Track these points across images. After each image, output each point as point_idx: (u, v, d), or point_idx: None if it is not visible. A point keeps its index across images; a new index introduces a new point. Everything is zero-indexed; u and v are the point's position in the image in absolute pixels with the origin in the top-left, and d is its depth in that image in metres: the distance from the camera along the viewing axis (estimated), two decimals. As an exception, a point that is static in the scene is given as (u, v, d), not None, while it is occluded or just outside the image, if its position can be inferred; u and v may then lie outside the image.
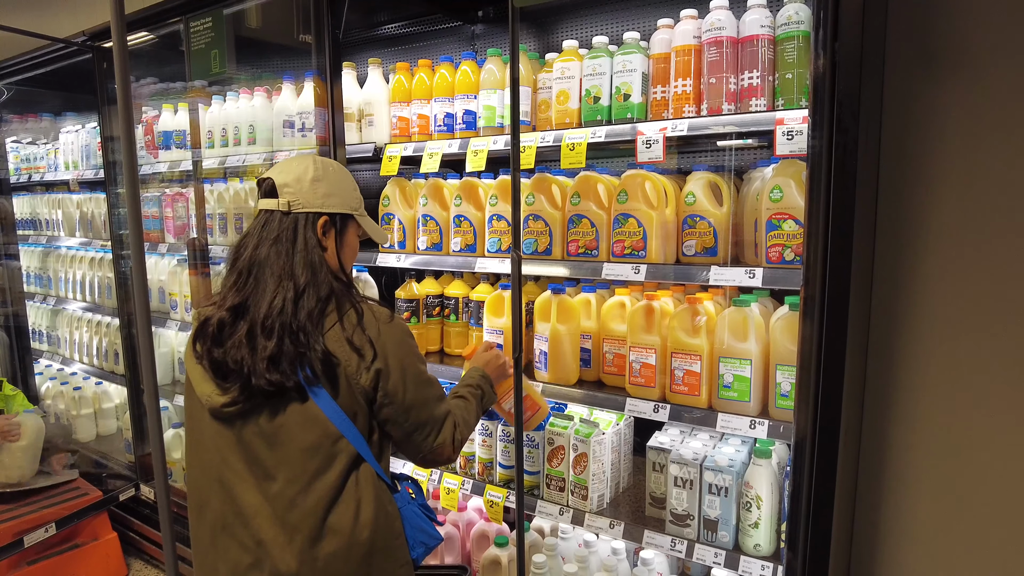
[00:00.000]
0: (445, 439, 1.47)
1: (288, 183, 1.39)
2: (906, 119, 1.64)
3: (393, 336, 1.39)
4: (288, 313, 1.30)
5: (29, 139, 4.25)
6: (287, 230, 1.37)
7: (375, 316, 1.38)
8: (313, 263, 1.36)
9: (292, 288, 1.32)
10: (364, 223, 1.51)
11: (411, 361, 1.41)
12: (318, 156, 1.47)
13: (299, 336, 1.30)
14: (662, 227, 1.87)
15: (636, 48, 1.88)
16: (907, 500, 1.74)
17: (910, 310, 1.69)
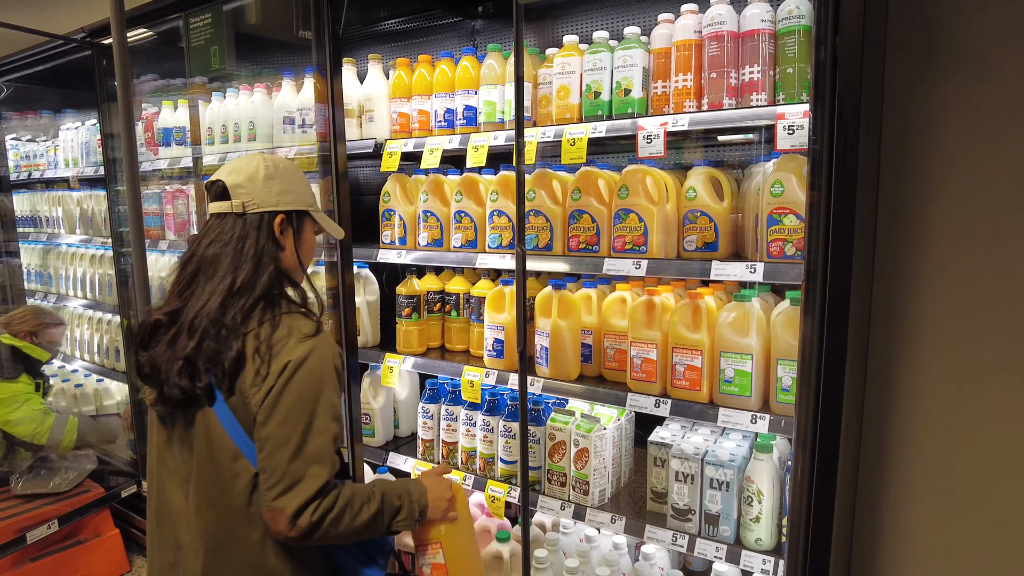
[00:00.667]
0: (288, 505, 1.20)
1: (240, 183, 1.35)
2: (907, 113, 1.64)
3: (298, 353, 1.25)
4: (216, 311, 1.26)
5: (29, 136, 4.25)
6: (240, 231, 1.33)
7: (290, 331, 1.28)
8: (260, 263, 1.32)
9: (228, 286, 1.28)
10: (320, 219, 1.48)
11: (301, 388, 1.24)
12: (267, 154, 1.43)
13: (220, 334, 1.25)
14: (663, 222, 1.87)
15: (637, 43, 1.87)
16: (908, 494, 1.74)
17: (911, 304, 1.69)
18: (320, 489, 1.23)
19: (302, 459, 1.22)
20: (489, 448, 2.28)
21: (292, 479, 1.21)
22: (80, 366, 4.00)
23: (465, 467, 2.35)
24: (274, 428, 1.22)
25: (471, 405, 2.33)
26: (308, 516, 1.20)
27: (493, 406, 2.28)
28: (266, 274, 1.32)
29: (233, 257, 1.31)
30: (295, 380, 1.24)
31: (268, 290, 1.32)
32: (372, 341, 2.62)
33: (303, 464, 1.22)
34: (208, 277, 1.31)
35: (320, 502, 1.22)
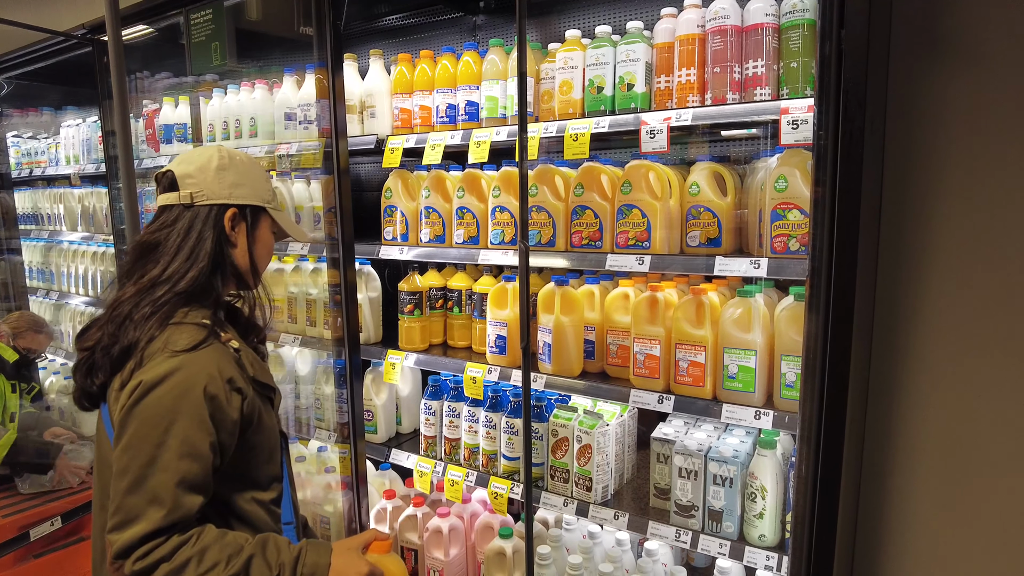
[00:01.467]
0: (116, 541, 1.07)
1: (190, 173, 1.26)
2: (911, 108, 1.63)
3: (156, 372, 1.11)
4: (129, 301, 1.19)
5: (30, 133, 4.24)
6: (186, 224, 1.24)
7: (164, 343, 1.15)
8: (195, 257, 1.22)
9: (154, 277, 1.20)
10: (279, 217, 1.38)
11: (149, 414, 1.09)
12: (220, 146, 1.35)
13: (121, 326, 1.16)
14: (666, 218, 1.87)
15: (639, 37, 1.86)
16: (912, 490, 1.74)
17: (916, 300, 1.68)
18: (149, 534, 1.06)
19: (139, 495, 1.07)
20: (492, 444, 2.28)
21: (126, 515, 1.07)
22: (82, 363, 4.00)
23: (468, 463, 2.35)
24: (118, 453, 1.10)
25: (474, 401, 2.33)
26: (132, 563, 1.06)
27: (496, 402, 2.27)
28: (196, 269, 1.22)
29: (170, 249, 1.22)
30: (144, 404, 1.10)
31: (195, 287, 1.22)
32: (374, 338, 2.62)
33: (140, 500, 1.07)
34: (141, 268, 1.24)
35: (151, 549, 1.06)
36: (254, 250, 1.33)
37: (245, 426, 1.21)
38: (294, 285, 2.68)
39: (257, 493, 1.27)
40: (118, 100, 1.85)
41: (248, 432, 1.23)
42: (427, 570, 2.36)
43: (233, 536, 1.15)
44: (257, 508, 1.26)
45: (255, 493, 1.26)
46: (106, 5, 1.87)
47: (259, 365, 1.32)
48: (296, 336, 2.64)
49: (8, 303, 4.17)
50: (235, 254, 1.30)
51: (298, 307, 2.66)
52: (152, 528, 1.06)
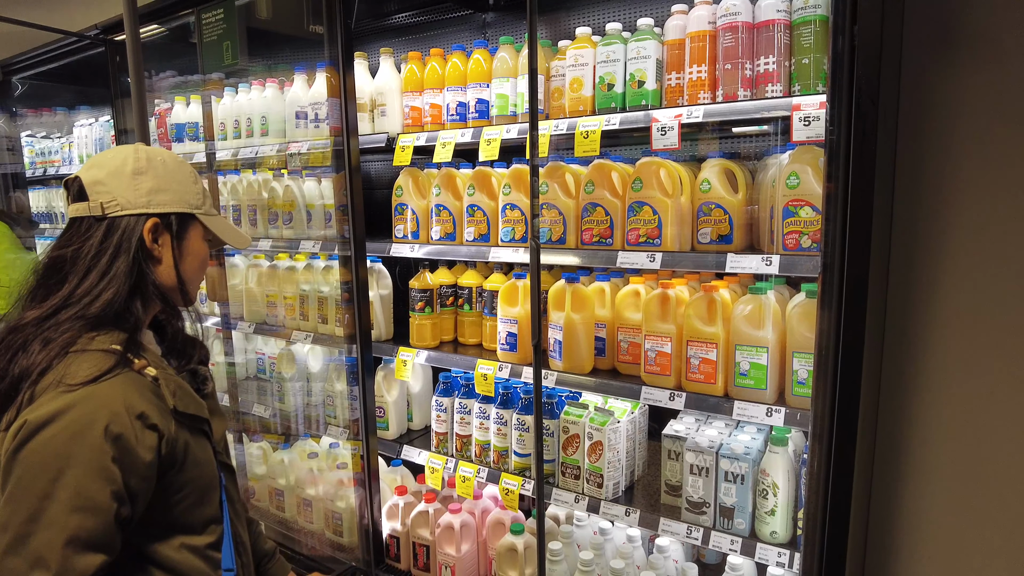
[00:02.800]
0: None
1: (101, 180, 1.10)
2: (924, 103, 1.63)
3: (43, 412, 0.95)
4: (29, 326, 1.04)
5: (44, 133, 4.28)
6: (97, 239, 1.08)
7: (61, 375, 0.99)
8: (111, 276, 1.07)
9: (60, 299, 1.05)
10: (212, 224, 1.20)
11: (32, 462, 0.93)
12: (142, 145, 1.17)
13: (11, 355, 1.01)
14: (677, 215, 1.87)
15: (650, 34, 1.86)
16: (924, 488, 1.74)
17: (929, 297, 1.68)
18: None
19: (20, 556, 0.90)
20: (503, 441, 2.29)
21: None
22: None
23: (479, 460, 2.36)
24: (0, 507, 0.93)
25: (484, 398, 2.34)
26: None
27: (507, 399, 2.28)
28: (112, 291, 1.06)
29: (79, 268, 1.06)
30: (28, 448, 0.93)
31: (108, 311, 1.06)
32: (385, 335, 2.63)
33: (22, 564, 0.90)
34: (45, 290, 1.08)
35: None
36: (183, 264, 1.16)
37: (166, 467, 1.05)
38: (305, 282, 2.70)
39: (188, 538, 1.11)
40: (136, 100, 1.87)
41: (171, 473, 1.07)
42: (439, 566, 2.38)
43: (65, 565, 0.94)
44: (189, 556, 1.10)
45: (185, 539, 1.11)
46: (124, 5, 1.88)
47: (185, 394, 1.13)
48: (308, 333, 2.66)
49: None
50: (158, 271, 1.13)
51: (309, 304, 2.68)
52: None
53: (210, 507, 1.14)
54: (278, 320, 2.81)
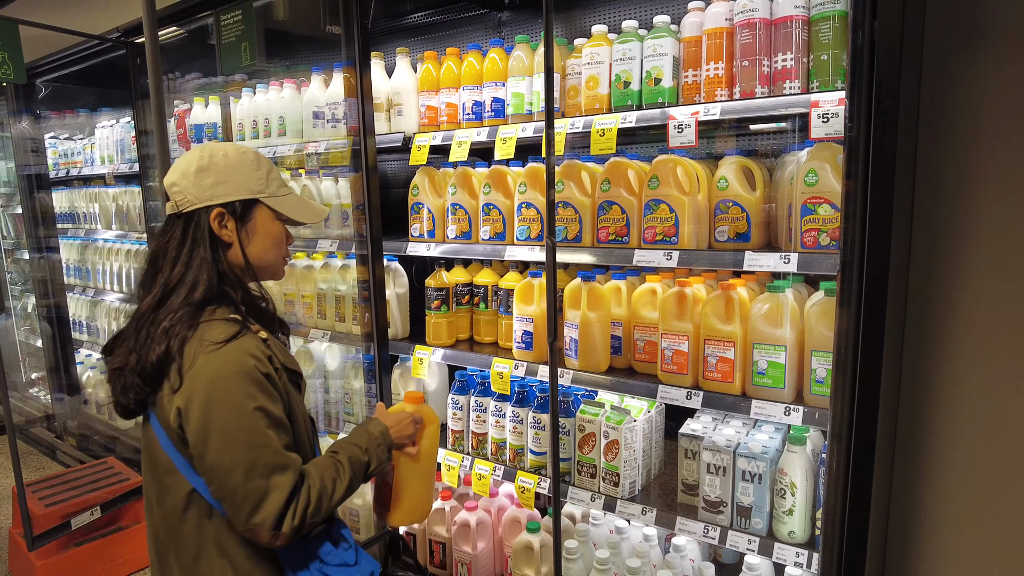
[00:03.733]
0: (264, 520, 1.13)
1: (175, 181, 1.24)
2: (945, 99, 1.60)
3: (208, 371, 1.13)
4: (147, 317, 1.19)
5: (66, 135, 4.36)
6: (178, 232, 1.24)
7: (201, 339, 1.16)
8: (199, 263, 1.22)
9: (160, 291, 1.21)
10: (278, 204, 1.30)
11: (226, 409, 1.12)
12: (209, 144, 1.30)
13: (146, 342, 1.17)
14: (694, 213, 1.86)
15: (667, 32, 1.86)
16: (945, 488, 1.71)
17: (950, 295, 1.65)
18: (290, 495, 1.15)
19: (259, 477, 1.13)
20: (519, 439, 2.29)
21: (257, 497, 1.13)
22: (118, 358, 4.10)
23: (495, 458, 2.37)
24: (214, 458, 1.12)
25: (500, 396, 2.34)
26: (289, 522, 1.14)
27: (522, 398, 2.29)
28: (205, 276, 1.21)
29: (171, 259, 1.22)
30: (215, 402, 1.12)
31: (209, 294, 1.22)
32: (402, 333, 2.65)
33: (262, 479, 1.13)
34: (150, 281, 1.24)
35: (295, 505, 1.16)
36: (251, 244, 1.28)
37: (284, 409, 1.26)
38: (323, 281, 2.72)
39: None
40: (155, 103, 1.91)
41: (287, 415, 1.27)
42: (455, 563, 2.39)
43: (322, 458, 1.28)
44: None
45: None
46: (144, 9, 1.92)
47: (286, 353, 1.33)
48: (325, 331, 2.68)
49: (48, 299, 4.29)
50: (230, 254, 1.26)
51: (327, 303, 2.70)
52: (288, 492, 1.15)
53: (304, 452, 1.28)
54: (296, 318, 2.83)
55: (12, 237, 4.89)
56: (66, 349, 4.34)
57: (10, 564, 3.16)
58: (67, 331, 4.35)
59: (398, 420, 1.45)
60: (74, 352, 4.39)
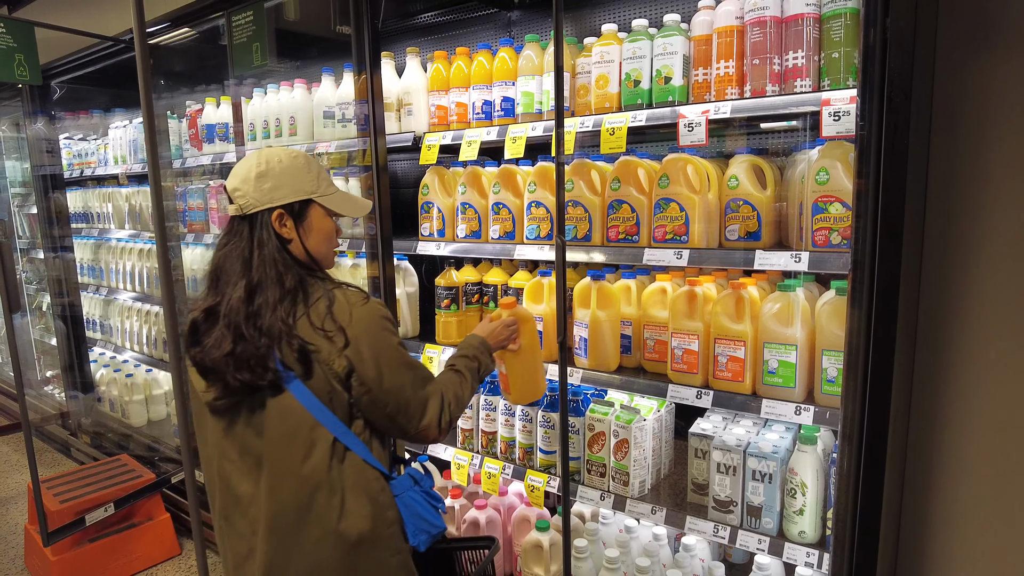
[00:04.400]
0: (431, 421, 1.44)
1: (237, 187, 1.38)
2: (960, 96, 1.59)
3: (365, 320, 1.37)
4: (242, 312, 1.31)
5: (80, 135, 4.40)
6: (245, 232, 1.38)
7: (348, 301, 1.37)
8: (270, 259, 1.35)
9: (245, 287, 1.33)
10: (329, 203, 1.45)
11: (385, 344, 1.39)
12: (264, 150, 1.43)
13: (257, 332, 1.30)
14: (705, 211, 1.86)
15: (677, 30, 1.85)
16: (958, 488, 1.70)
17: (963, 293, 1.64)
18: (441, 398, 1.47)
19: (420, 387, 1.45)
20: (528, 438, 2.30)
21: (422, 403, 1.43)
22: (130, 356, 4.14)
23: (504, 456, 2.37)
24: (389, 382, 1.38)
25: (510, 395, 2.35)
26: (445, 418, 1.47)
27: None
28: (278, 267, 1.35)
29: (244, 257, 1.36)
30: (379, 339, 1.38)
31: (298, 277, 1.37)
32: (412, 332, 2.66)
33: (422, 390, 1.45)
34: (228, 276, 1.36)
35: (444, 406, 1.47)
36: (308, 239, 1.42)
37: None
38: (333, 280, 2.73)
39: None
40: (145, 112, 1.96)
41: None
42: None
43: (445, 372, 1.58)
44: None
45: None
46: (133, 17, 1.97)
47: None
48: (336, 330, 2.69)
49: (62, 298, 4.34)
50: (292, 248, 1.40)
51: (337, 302, 2.71)
52: (439, 397, 1.46)
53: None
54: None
55: (27, 237, 4.94)
56: (80, 347, 4.38)
57: (26, 559, 3.20)
58: (81, 330, 4.40)
59: (491, 329, 1.74)
60: (88, 350, 4.44)
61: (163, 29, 3.06)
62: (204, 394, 1.37)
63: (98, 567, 3.01)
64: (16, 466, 4.41)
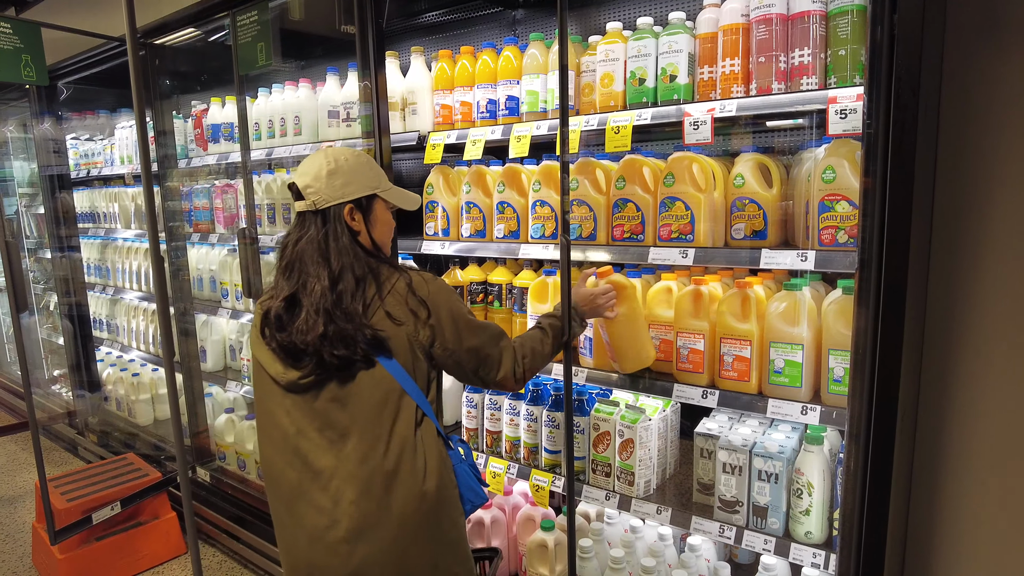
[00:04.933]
0: (507, 372, 1.61)
1: (309, 184, 1.49)
2: (968, 93, 1.58)
3: (440, 294, 1.53)
4: (329, 299, 1.42)
5: (87, 135, 4.42)
6: (320, 225, 1.48)
7: (423, 279, 1.53)
8: (345, 249, 1.47)
9: (327, 276, 1.44)
10: (389, 196, 1.59)
11: (460, 312, 1.55)
12: (330, 149, 1.55)
13: (346, 317, 1.42)
14: (710, 210, 1.85)
15: (682, 28, 1.84)
16: (966, 489, 1.69)
17: (971, 292, 1.63)
18: (514, 352, 1.63)
19: (496, 343, 1.61)
20: (533, 438, 2.29)
21: (498, 358, 1.60)
22: (136, 356, 4.16)
23: (509, 456, 2.37)
24: (470, 341, 1.55)
25: (514, 395, 2.34)
26: (519, 370, 1.63)
27: (537, 396, 2.29)
28: (355, 255, 1.48)
29: (322, 248, 1.47)
30: (455, 307, 1.54)
31: (368, 265, 1.49)
32: (416, 331, 2.65)
33: (498, 346, 1.61)
34: (309, 267, 1.46)
35: (517, 359, 1.63)
36: (374, 231, 1.56)
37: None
38: (338, 280, 2.73)
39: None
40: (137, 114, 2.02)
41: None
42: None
43: (530, 330, 1.73)
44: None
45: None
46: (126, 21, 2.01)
47: None
48: (341, 330, 2.69)
49: (69, 298, 4.36)
50: (361, 239, 1.53)
51: (342, 301, 2.71)
52: (512, 351, 1.63)
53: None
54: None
55: (35, 236, 4.97)
56: (87, 346, 4.40)
57: (34, 557, 3.22)
58: (88, 329, 4.42)
59: (584, 296, 1.82)
60: (95, 349, 4.46)
61: (168, 30, 3.07)
62: (284, 375, 1.46)
63: (105, 565, 3.02)
64: (24, 464, 4.43)
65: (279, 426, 1.49)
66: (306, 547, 1.45)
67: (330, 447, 1.44)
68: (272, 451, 1.51)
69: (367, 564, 1.42)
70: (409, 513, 1.44)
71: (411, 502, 1.44)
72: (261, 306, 1.54)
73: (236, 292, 3.28)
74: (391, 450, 1.44)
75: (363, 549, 1.42)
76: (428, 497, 1.46)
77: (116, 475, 3.26)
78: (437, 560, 1.50)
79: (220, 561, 3.18)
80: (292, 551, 1.49)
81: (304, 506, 1.45)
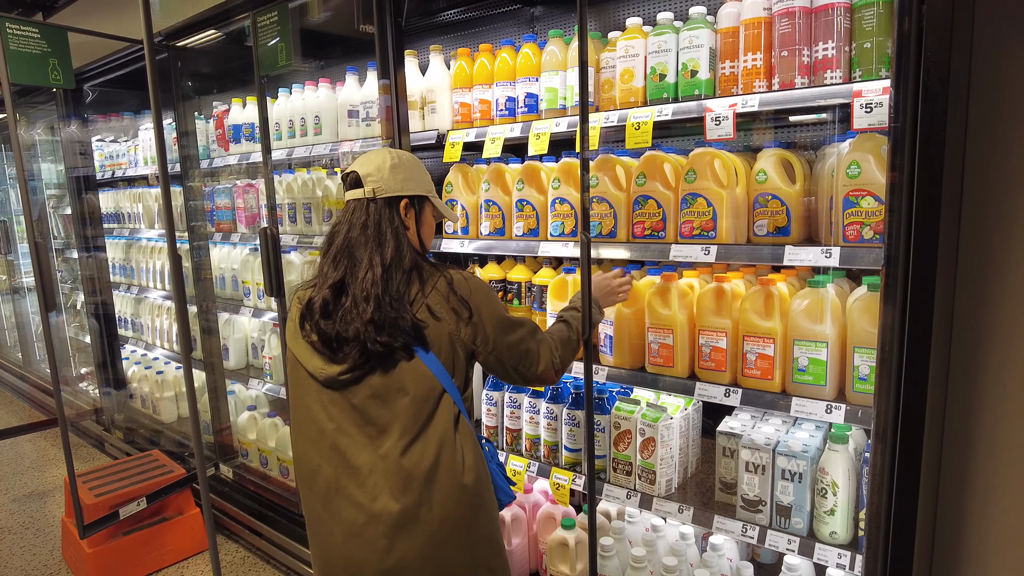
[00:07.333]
0: (547, 365, 1.63)
1: (371, 173, 1.53)
2: (998, 86, 1.54)
3: (480, 292, 1.55)
4: (380, 285, 1.44)
5: (112, 137, 4.49)
6: (374, 214, 1.52)
7: (464, 278, 1.54)
8: (398, 240, 1.50)
9: (380, 263, 1.46)
10: (438, 204, 1.65)
11: (499, 310, 1.58)
12: (388, 148, 1.59)
13: (392, 303, 1.44)
14: (732, 206, 1.83)
15: (703, 23, 1.82)
16: (996, 489, 1.65)
17: (1001, 289, 1.59)
18: (550, 345, 1.64)
19: (534, 338, 1.62)
20: (553, 436, 2.29)
21: (536, 352, 1.61)
22: (160, 354, 4.22)
23: (529, 454, 2.37)
24: (511, 338, 1.57)
25: (535, 393, 2.34)
26: (556, 362, 1.64)
27: (557, 394, 2.28)
28: (406, 247, 1.51)
29: (376, 236, 1.49)
30: (494, 306, 1.56)
31: (415, 260, 1.52)
32: (436, 329, 2.66)
33: (536, 340, 1.62)
34: (361, 254, 1.48)
35: (552, 351, 1.63)
36: (421, 231, 1.62)
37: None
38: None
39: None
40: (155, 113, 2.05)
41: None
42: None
43: (555, 323, 1.74)
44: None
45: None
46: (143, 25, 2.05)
47: None
48: (361, 328, 2.71)
49: (95, 297, 4.44)
50: (409, 235, 1.55)
51: (362, 300, 2.73)
52: (548, 344, 1.64)
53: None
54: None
55: (62, 237, 5.06)
56: (112, 345, 4.48)
57: (63, 551, 3.28)
58: (113, 327, 4.49)
59: (599, 284, 1.87)
60: (120, 348, 4.53)
61: (189, 32, 3.10)
62: (324, 370, 1.46)
63: (132, 560, 3.07)
64: (53, 460, 4.53)
65: (316, 421, 1.50)
66: (343, 542, 1.46)
67: (369, 443, 1.45)
68: (308, 446, 1.52)
69: (406, 559, 1.43)
70: (450, 508, 1.45)
71: (451, 497, 1.45)
72: (299, 298, 1.55)
73: (258, 291, 3.31)
74: (430, 446, 1.44)
75: (403, 545, 1.42)
76: (467, 492, 1.47)
77: (142, 471, 3.32)
78: (475, 555, 1.50)
79: (243, 557, 3.21)
80: (327, 546, 1.50)
81: (341, 501, 1.46)
